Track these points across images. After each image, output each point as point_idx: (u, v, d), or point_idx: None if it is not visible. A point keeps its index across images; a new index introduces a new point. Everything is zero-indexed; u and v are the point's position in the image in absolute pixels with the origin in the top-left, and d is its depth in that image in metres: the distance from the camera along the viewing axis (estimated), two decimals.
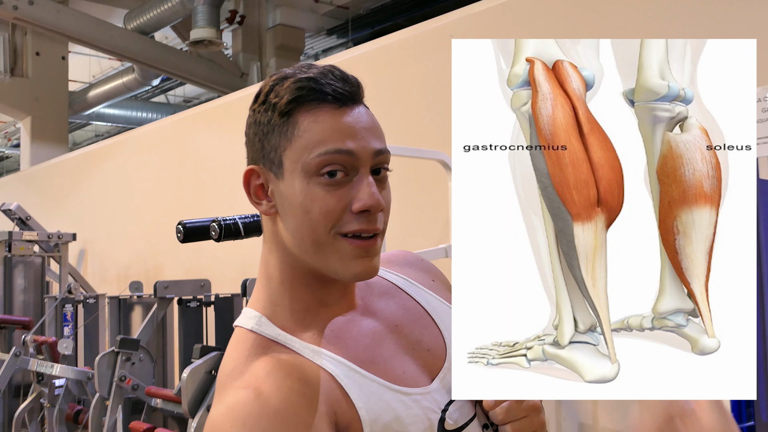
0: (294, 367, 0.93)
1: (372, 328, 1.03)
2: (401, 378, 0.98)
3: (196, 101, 14.31)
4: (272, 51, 9.88)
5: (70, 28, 8.87)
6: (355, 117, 0.96)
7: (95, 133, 17.31)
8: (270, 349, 0.97)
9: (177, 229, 2.40)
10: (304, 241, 0.96)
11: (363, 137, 0.95)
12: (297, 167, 0.95)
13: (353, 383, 0.94)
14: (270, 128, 0.98)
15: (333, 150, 0.93)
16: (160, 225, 6.35)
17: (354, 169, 0.94)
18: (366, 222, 0.94)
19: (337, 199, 0.94)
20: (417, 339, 1.04)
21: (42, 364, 4.33)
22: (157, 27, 9.72)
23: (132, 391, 3.75)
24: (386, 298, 1.09)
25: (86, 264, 7.58)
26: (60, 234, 6.15)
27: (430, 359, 1.03)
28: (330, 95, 0.95)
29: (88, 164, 8.07)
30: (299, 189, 0.95)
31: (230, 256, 5.24)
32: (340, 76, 0.97)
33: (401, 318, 1.06)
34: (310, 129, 0.94)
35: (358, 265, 0.96)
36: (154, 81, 11.71)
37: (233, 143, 5.77)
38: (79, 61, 13.02)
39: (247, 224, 2.38)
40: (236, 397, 0.90)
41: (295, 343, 0.97)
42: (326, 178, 0.93)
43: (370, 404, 0.93)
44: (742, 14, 2.79)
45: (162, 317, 4.24)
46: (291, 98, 0.95)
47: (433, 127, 4.02)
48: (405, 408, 0.95)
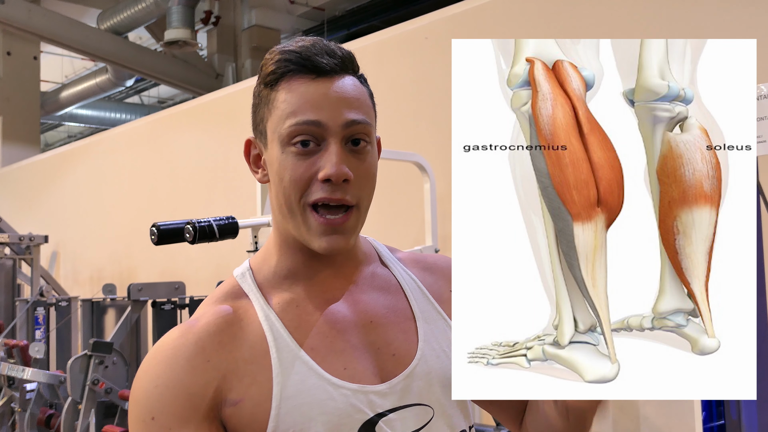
0: (232, 325, 1.01)
1: (341, 317, 1.04)
2: (338, 371, 1.00)
3: (171, 102, 14.19)
4: (247, 52, 9.83)
5: (42, 27, 8.77)
6: (331, 88, 0.99)
7: (68, 134, 17.12)
8: (237, 298, 1.04)
9: (151, 231, 2.38)
10: (282, 208, 1.02)
11: (334, 107, 0.98)
12: (275, 137, 1.00)
13: (283, 359, 0.98)
14: (259, 100, 1.04)
15: (302, 121, 0.97)
16: (134, 227, 6.29)
17: (323, 140, 0.98)
18: (330, 191, 0.97)
19: (305, 167, 0.98)
20: (386, 341, 1.05)
21: (13, 367, 4.27)
22: (131, 27, 9.64)
23: (105, 394, 3.71)
24: (380, 292, 1.09)
25: (59, 266, 7.50)
26: (32, 236, 6.07)
27: (390, 363, 1.03)
28: (307, 67, 0.98)
29: (60, 165, 7.98)
30: (276, 158, 1.00)
31: (205, 259, 5.22)
32: (322, 48, 1.00)
33: (382, 316, 1.06)
34: (285, 100, 0.99)
35: (326, 241, 1.00)
36: (128, 82, 11.62)
37: (208, 144, 5.76)
38: (52, 61, 12.88)
39: (221, 226, 2.37)
40: (175, 331, 1.02)
41: (257, 303, 1.03)
42: (298, 147, 0.98)
43: (289, 383, 0.97)
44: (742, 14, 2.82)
45: (136, 320, 4.19)
46: (272, 70, 1.00)
47: (409, 130, 4.02)
48: (326, 397, 0.97)
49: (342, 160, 0.97)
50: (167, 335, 1.02)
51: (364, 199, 1.02)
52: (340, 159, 0.97)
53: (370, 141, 1.01)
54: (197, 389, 0.96)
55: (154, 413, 0.96)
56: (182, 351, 0.98)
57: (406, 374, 1.02)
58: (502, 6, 3.72)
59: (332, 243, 1.00)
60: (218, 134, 5.64)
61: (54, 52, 12.09)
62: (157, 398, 0.96)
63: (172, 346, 0.99)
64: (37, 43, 10.58)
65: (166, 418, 0.95)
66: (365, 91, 1.03)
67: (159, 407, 0.96)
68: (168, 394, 0.96)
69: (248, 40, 9.86)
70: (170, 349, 0.99)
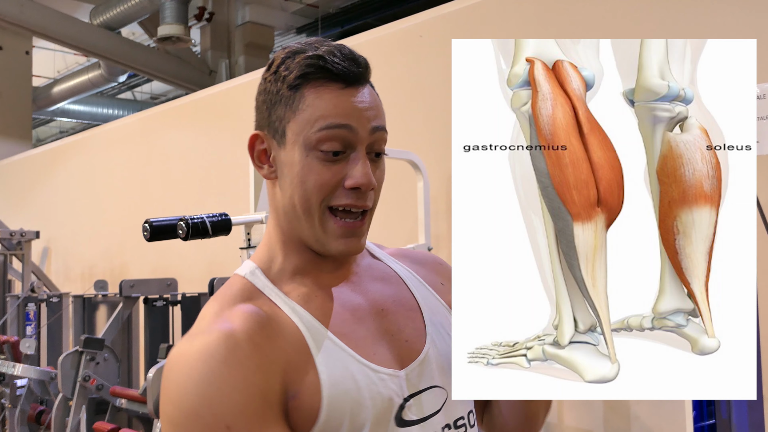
0: (269, 321, 0.98)
1: (356, 304, 1.05)
2: (371, 357, 1.00)
3: (164, 98, 14.15)
4: (241, 48, 9.81)
5: (35, 22, 8.71)
6: (358, 97, 1.00)
7: (60, 130, 17.04)
8: (254, 297, 1.02)
9: (144, 228, 2.38)
10: (296, 209, 1.01)
11: (363, 116, 0.99)
12: (299, 139, 1.00)
13: (322, 347, 0.97)
14: (278, 99, 1.03)
15: (333, 125, 0.98)
16: (126, 223, 6.27)
17: (351, 147, 0.99)
18: (356, 198, 0.99)
19: (333, 173, 0.98)
20: (398, 328, 1.06)
21: (3, 364, 4.26)
22: (123, 23, 9.59)
23: (96, 391, 3.69)
24: (383, 282, 1.11)
25: (50, 262, 7.47)
26: (23, 232, 6.05)
27: (405, 350, 1.04)
28: (336, 74, 0.99)
29: (52, 161, 7.95)
30: (298, 160, 1.00)
31: (197, 255, 5.20)
32: (348, 56, 1.01)
33: (390, 304, 1.08)
34: (313, 104, 0.99)
35: (343, 244, 1.01)
36: (121, 77, 11.57)
37: (201, 141, 5.75)
38: (44, 56, 12.82)
39: (214, 223, 2.37)
40: (210, 335, 0.94)
41: (278, 298, 1.02)
42: (324, 153, 0.98)
43: (334, 370, 0.96)
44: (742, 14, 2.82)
45: (127, 316, 4.18)
46: (299, 74, 1.00)
47: (403, 128, 4.02)
48: (369, 382, 0.97)
49: (370, 169, 0.99)
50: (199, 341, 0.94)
51: (376, 202, 1.04)
52: (368, 168, 0.99)
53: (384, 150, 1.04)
54: (268, 386, 0.91)
55: (229, 421, 0.88)
56: (240, 351, 0.92)
57: (420, 360, 1.03)
58: (498, 4, 3.71)
59: (349, 245, 1.01)
60: (211, 131, 5.62)
61: (46, 47, 12.03)
62: (228, 404, 0.89)
63: (225, 348, 0.91)
64: (29, 37, 10.52)
65: (245, 423, 0.88)
66: (380, 100, 1.04)
67: (233, 413, 0.88)
68: (240, 396, 0.89)
69: (242, 37, 9.83)
70: (224, 350, 0.91)
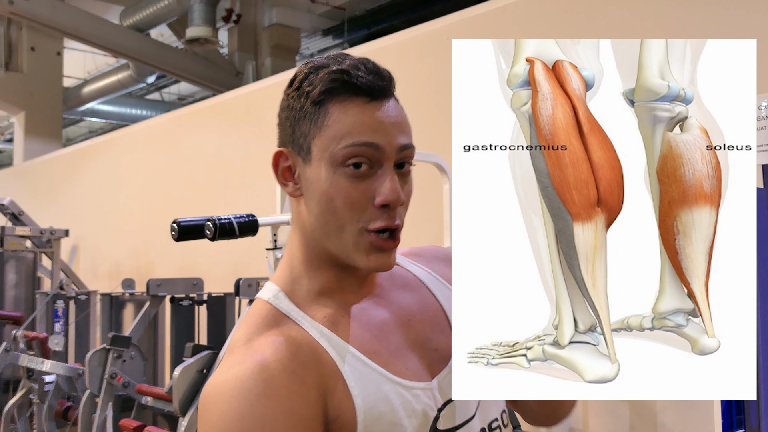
0: (300, 347, 0.96)
1: (382, 319, 1.04)
2: (403, 372, 0.99)
3: (191, 99, 14.25)
4: (268, 50, 9.86)
5: (66, 23, 8.83)
6: (384, 111, 0.98)
7: (89, 130, 17.23)
8: (281, 323, 1.00)
9: (172, 228, 2.39)
10: (327, 226, 0.99)
11: (389, 132, 0.97)
12: (324, 156, 0.98)
13: (353, 370, 0.96)
14: (302, 115, 1.00)
15: (360, 143, 0.96)
16: (153, 222, 6.33)
17: (378, 163, 0.97)
18: (388, 217, 0.97)
19: (361, 192, 0.96)
20: (427, 336, 1.05)
21: (32, 359, 4.31)
22: (153, 24, 9.70)
23: (122, 388, 3.73)
24: (406, 290, 1.10)
25: (78, 260, 7.56)
26: (52, 230, 6.13)
27: (435, 358, 1.03)
28: (361, 89, 0.97)
29: (81, 160, 8.05)
30: (324, 177, 0.98)
31: (223, 255, 5.23)
32: (372, 70, 0.99)
33: (416, 313, 1.07)
34: (339, 120, 0.97)
35: (375, 260, 0.99)
36: (149, 78, 11.70)
37: (227, 142, 5.79)
38: (74, 56, 12.97)
39: (242, 224, 2.38)
40: (243, 367, 0.93)
41: (305, 321, 1.00)
42: (351, 169, 0.96)
43: (367, 392, 0.95)
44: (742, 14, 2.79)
45: (154, 315, 4.22)
46: (323, 89, 0.98)
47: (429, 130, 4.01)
48: (403, 401, 0.96)
49: (399, 184, 0.98)
50: (233, 373, 0.92)
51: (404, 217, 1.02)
52: (397, 184, 0.97)
53: (412, 163, 1.02)
54: (309, 413, 0.91)
55: None
56: (275, 381, 0.91)
57: (450, 366, 1.02)
58: (524, 7, 3.70)
59: (381, 261, 0.99)
60: (237, 132, 5.66)
61: (77, 48, 12.17)
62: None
63: (260, 380, 0.91)
64: (60, 39, 10.67)
65: None
66: (405, 114, 1.03)
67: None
68: (281, 427, 0.88)
69: (269, 39, 9.88)
70: (260, 383, 0.90)
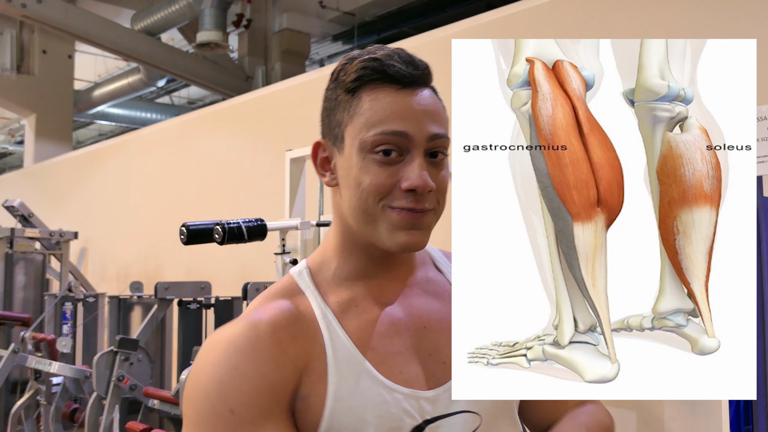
0: (299, 320, 0.99)
1: (397, 320, 1.04)
2: (394, 375, 0.99)
3: (201, 103, 14.31)
4: (278, 55, 9.88)
5: (78, 27, 8.88)
6: (415, 100, 0.98)
7: (99, 133, 17.32)
8: (295, 295, 1.03)
9: (181, 231, 2.40)
10: (356, 211, 1.00)
11: (420, 120, 0.97)
12: (355, 143, 0.99)
13: (339, 358, 0.97)
14: (336, 104, 1.02)
15: (389, 131, 0.96)
16: (162, 226, 6.35)
17: (407, 150, 0.97)
18: (414, 201, 0.97)
19: (388, 175, 0.97)
20: (437, 348, 1.04)
21: (40, 361, 4.32)
22: (163, 28, 9.73)
23: (129, 391, 3.74)
24: (435, 298, 1.09)
25: (87, 263, 7.59)
26: (62, 232, 6.15)
27: (440, 370, 1.02)
28: (393, 77, 0.98)
29: (91, 163, 8.08)
30: (355, 163, 0.99)
31: (231, 259, 5.24)
32: (405, 59, 1.00)
33: (435, 322, 1.06)
34: (371, 108, 0.98)
35: (404, 236, 0.98)
36: (160, 82, 11.73)
37: (237, 146, 5.80)
38: (85, 60, 13.04)
39: (250, 228, 2.39)
40: (239, 324, 0.97)
41: (315, 300, 1.02)
42: (381, 156, 0.97)
43: (344, 383, 0.96)
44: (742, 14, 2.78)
45: (161, 318, 4.23)
46: (356, 77, 0.99)
47: None
48: (380, 401, 0.97)
49: (425, 170, 0.97)
50: (229, 328, 0.97)
51: (441, 204, 1.01)
52: (425, 170, 0.97)
53: (447, 154, 1.01)
54: (279, 381, 0.94)
55: (233, 406, 0.90)
56: (260, 342, 0.94)
57: None
58: (534, 15, 3.70)
59: (410, 238, 0.99)
60: (247, 136, 5.67)
61: (88, 51, 12.24)
62: (237, 390, 0.91)
63: (246, 337, 0.95)
64: (72, 42, 10.73)
65: (248, 411, 0.91)
66: (442, 105, 1.02)
67: (239, 400, 0.91)
68: (249, 385, 0.91)
69: (279, 44, 9.91)
70: (245, 340, 0.94)
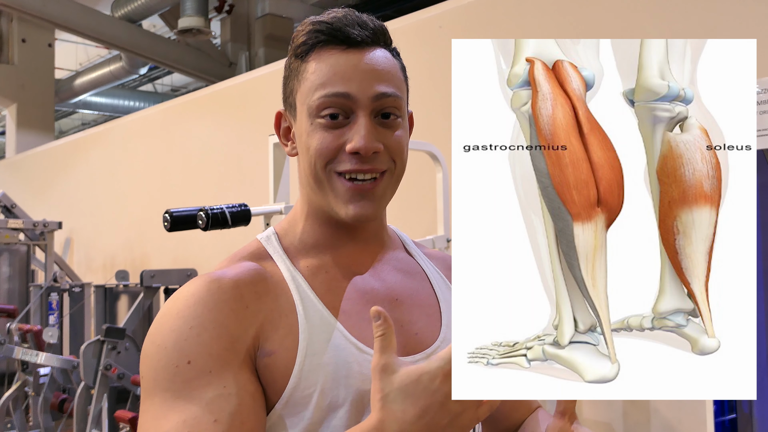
0: (263, 279, 0.98)
1: (369, 289, 1.03)
2: (367, 339, 0.98)
3: (184, 90, 14.21)
4: (261, 40, 9.81)
5: (57, 15, 8.78)
6: (362, 60, 0.97)
7: (82, 122, 17.18)
8: (262, 259, 1.02)
9: (164, 218, 2.40)
10: (309, 178, 1.00)
11: (364, 80, 0.96)
12: (304, 108, 0.98)
13: (310, 317, 0.96)
14: (289, 72, 1.02)
15: (331, 93, 0.95)
16: (147, 214, 6.32)
17: (352, 112, 0.96)
18: (360, 162, 0.96)
19: (333, 137, 0.96)
20: (410, 320, 1.04)
21: (27, 352, 4.31)
22: (144, 15, 9.64)
23: (117, 380, 3.74)
24: (405, 275, 1.09)
25: (72, 253, 7.55)
26: (46, 222, 6.12)
27: (412, 341, 1.03)
28: (338, 38, 0.97)
29: (74, 152, 8.02)
30: (304, 129, 0.99)
31: (217, 246, 5.23)
32: (354, 20, 0.99)
33: (406, 297, 1.06)
34: (316, 71, 0.97)
35: (353, 208, 0.98)
36: (142, 69, 11.64)
37: (221, 132, 5.78)
38: (66, 48, 12.93)
39: (234, 213, 2.38)
40: (202, 279, 0.96)
41: (283, 264, 1.01)
42: (327, 120, 0.96)
43: (317, 339, 0.95)
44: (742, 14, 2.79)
45: (148, 306, 4.23)
46: (303, 41, 0.99)
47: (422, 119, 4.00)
48: (352, 360, 0.96)
49: (371, 132, 0.96)
50: (192, 283, 0.96)
51: (397, 167, 1.00)
52: (369, 132, 0.96)
53: (401, 114, 1.00)
54: (238, 333, 0.92)
55: (191, 356, 0.89)
56: (220, 294, 0.93)
57: (427, 353, 1.02)
58: None
59: (359, 210, 0.98)
60: (231, 122, 5.64)
61: (68, 39, 12.12)
62: (195, 340, 0.90)
63: (206, 290, 0.93)
64: (51, 30, 10.60)
65: (205, 361, 0.89)
66: (397, 64, 1.01)
67: (197, 350, 0.89)
68: (207, 335, 0.90)
69: (261, 29, 9.84)
70: (205, 292, 0.93)
